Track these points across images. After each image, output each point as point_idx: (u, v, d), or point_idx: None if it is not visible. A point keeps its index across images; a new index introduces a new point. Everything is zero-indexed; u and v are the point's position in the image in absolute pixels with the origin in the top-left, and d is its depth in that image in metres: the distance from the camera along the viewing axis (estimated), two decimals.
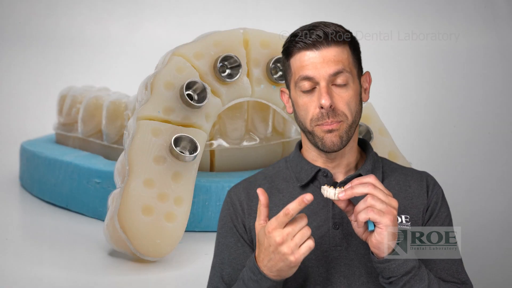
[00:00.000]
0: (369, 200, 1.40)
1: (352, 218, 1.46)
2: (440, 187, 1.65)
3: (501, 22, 5.82)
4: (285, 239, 1.39)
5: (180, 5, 6.46)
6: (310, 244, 1.39)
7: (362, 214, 1.41)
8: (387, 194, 1.42)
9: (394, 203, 1.42)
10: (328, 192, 1.44)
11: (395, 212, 1.41)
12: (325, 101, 1.50)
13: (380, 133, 3.11)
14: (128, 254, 2.80)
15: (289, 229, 1.40)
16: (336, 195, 1.43)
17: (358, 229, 1.46)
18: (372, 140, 3.03)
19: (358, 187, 1.41)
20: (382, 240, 1.42)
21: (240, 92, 3.02)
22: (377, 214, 1.40)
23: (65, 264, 2.88)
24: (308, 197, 1.37)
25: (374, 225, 1.43)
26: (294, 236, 1.39)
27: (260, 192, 1.44)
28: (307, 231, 1.40)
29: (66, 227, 3.38)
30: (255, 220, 1.58)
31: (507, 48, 5.67)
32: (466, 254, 1.73)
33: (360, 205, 1.41)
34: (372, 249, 1.45)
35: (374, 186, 1.41)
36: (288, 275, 1.44)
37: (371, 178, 1.42)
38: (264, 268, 1.44)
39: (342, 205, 1.45)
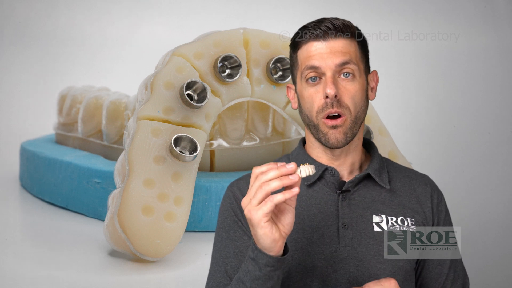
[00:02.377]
0: None
1: None
2: (442, 194, 1.64)
3: (501, 22, 5.82)
4: (246, 199, 1.35)
5: (180, 5, 6.46)
6: (273, 198, 1.32)
7: None
8: None
9: None
10: (304, 170, 1.36)
11: None
12: (330, 90, 1.48)
13: (380, 133, 3.11)
14: (128, 254, 2.81)
15: (248, 191, 1.36)
16: (311, 170, 1.35)
17: None
18: (372, 140, 3.03)
19: None
20: None
21: (240, 92, 3.02)
22: None
23: (65, 264, 2.88)
24: (294, 190, 1.33)
25: None
26: (254, 197, 1.34)
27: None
28: (267, 185, 1.33)
29: (66, 227, 3.38)
30: None
31: (507, 48, 5.68)
32: (466, 254, 1.73)
33: None
34: None
35: None
36: (264, 243, 1.36)
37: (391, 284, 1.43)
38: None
39: None
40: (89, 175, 3.47)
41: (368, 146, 1.65)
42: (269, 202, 1.32)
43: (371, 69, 1.63)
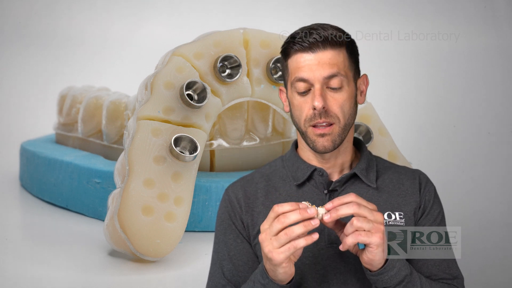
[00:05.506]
0: (355, 223, 1.41)
1: (340, 236, 1.47)
2: (432, 185, 1.68)
3: (501, 22, 5.82)
4: (265, 237, 1.41)
5: (180, 5, 6.46)
6: (296, 244, 1.38)
7: (349, 238, 1.42)
8: (371, 209, 1.43)
9: (380, 217, 1.43)
10: (321, 214, 1.42)
11: (383, 228, 1.42)
12: (318, 103, 1.52)
13: (380, 133, 3.11)
14: (128, 254, 2.81)
15: (267, 225, 1.41)
16: (320, 215, 1.42)
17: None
18: (372, 140, 3.03)
19: (343, 208, 1.42)
20: (374, 258, 1.44)
21: (240, 92, 3.02)
22: (365, 236, 1.41)
23: (65, 264, 2.88)
24: (314, 236, 1.39)
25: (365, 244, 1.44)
26: (276, 234, 1.39)
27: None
28: (291, 232, 1.38)
29: (66, 227, 3.38)
30: (252, 217, 1.62)
31: (507, 48, 5.67)
32: (466, 254, 1.74)
33: (348, 229, 1.43)
34: (364, 264, 1.47)
35: (358, 204, 1.42)
36: (282, 278, 1.44)
37: (351, 197, 1.43)
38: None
39: (330, 225, 1.46)
40: (89, 175, 3.47)
41: (359, 145, 1.69)
42: (292, 249, 1.39)
43: (366, 72, 1.66)
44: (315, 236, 1.39)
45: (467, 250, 1.86)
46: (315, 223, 1.39)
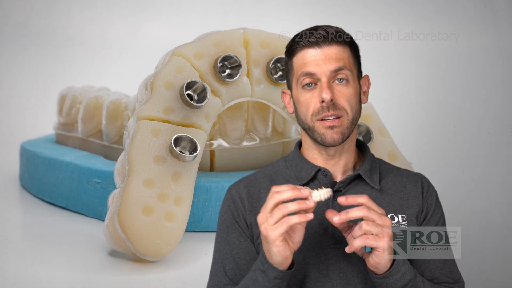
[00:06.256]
0: (364, 227, 1.44)
1: (347, 236, 1.49)
2: (434, 189, 1.69)
3: (501, 22, 5.82)
4: (263, 219, 1.44)
5: (180, 5, 6.46)
6: (289, 220, 1.41)
7: (357, 241, 1.45)
8: (380, 213, 1.45)
9: (388, 222, 1.45)
10: (315, 195, 1.45)
11: (391, 232, 1.45)
12: (326, 95, 1.54)
13: (380, 133, 3.11)
14: (128, 254, 2.81)
15: (263, 208, 1.44)
16: (323, 196, 1.45)
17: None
18: (372, 140, 3.03)
19: (353, 211, 1.45)
20: (380, 261, 1.46)
21: (240, 92, 3.02)
22: (373, 240, 1.44)
23: (65, 264, 2.88)
24: (309, 215, 1.42)
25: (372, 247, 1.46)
26: (271, 211, 1.43)
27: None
28: (285, 207, 1.41)
29: (66, 227, 3.38)
30: (255, 216, 1.61)
31: (507, 48, 5.67)
32: (466, 254, 1.74)
33: (356, 232, 1.45)
34: (370, 267, 1.49)
35: (368, 208, 1.45)
36: (277, 259, 1.45)
37: (364, 199, 1.45)
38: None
39: (337, 225, 1.49)
40: (89, 175, 3.47)
41: (362, 147, 1.70)
42: (285, 224, 1.42)
43: (366, 72, 1.68)
44: (310, 215, 1.42)
45: (467, 250, 1.86)
46: (310, 203, 1.42)
